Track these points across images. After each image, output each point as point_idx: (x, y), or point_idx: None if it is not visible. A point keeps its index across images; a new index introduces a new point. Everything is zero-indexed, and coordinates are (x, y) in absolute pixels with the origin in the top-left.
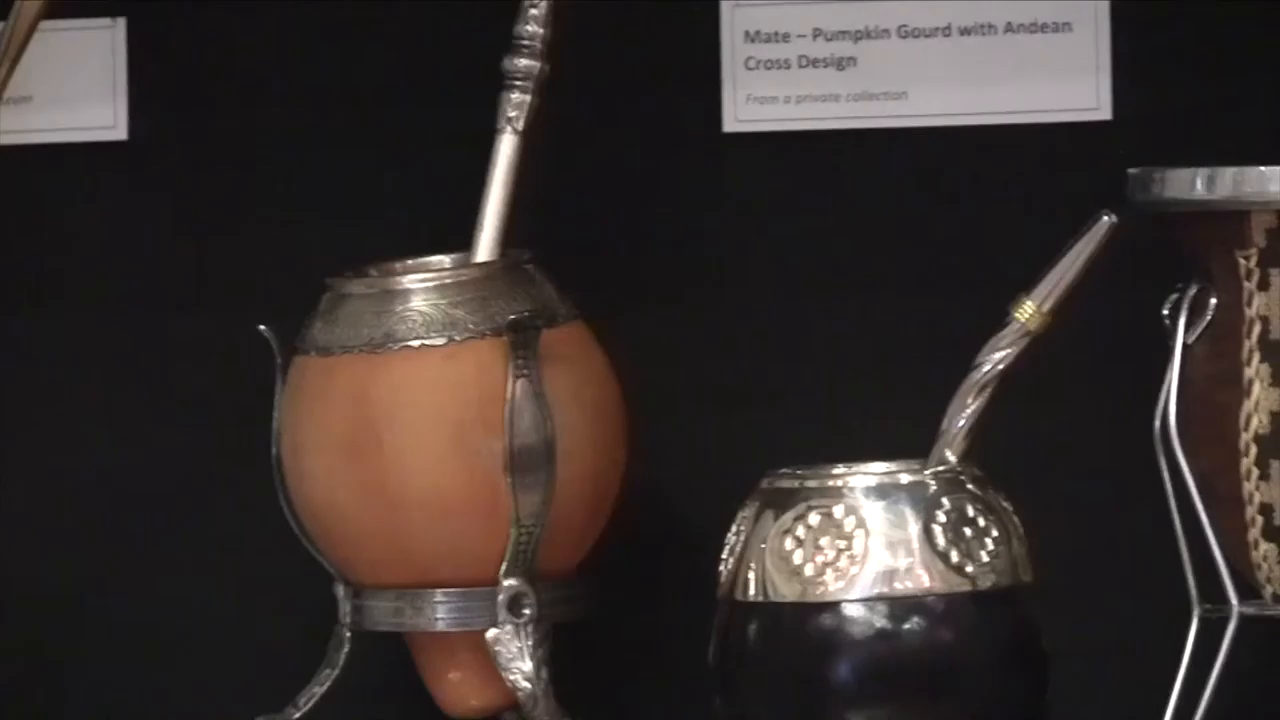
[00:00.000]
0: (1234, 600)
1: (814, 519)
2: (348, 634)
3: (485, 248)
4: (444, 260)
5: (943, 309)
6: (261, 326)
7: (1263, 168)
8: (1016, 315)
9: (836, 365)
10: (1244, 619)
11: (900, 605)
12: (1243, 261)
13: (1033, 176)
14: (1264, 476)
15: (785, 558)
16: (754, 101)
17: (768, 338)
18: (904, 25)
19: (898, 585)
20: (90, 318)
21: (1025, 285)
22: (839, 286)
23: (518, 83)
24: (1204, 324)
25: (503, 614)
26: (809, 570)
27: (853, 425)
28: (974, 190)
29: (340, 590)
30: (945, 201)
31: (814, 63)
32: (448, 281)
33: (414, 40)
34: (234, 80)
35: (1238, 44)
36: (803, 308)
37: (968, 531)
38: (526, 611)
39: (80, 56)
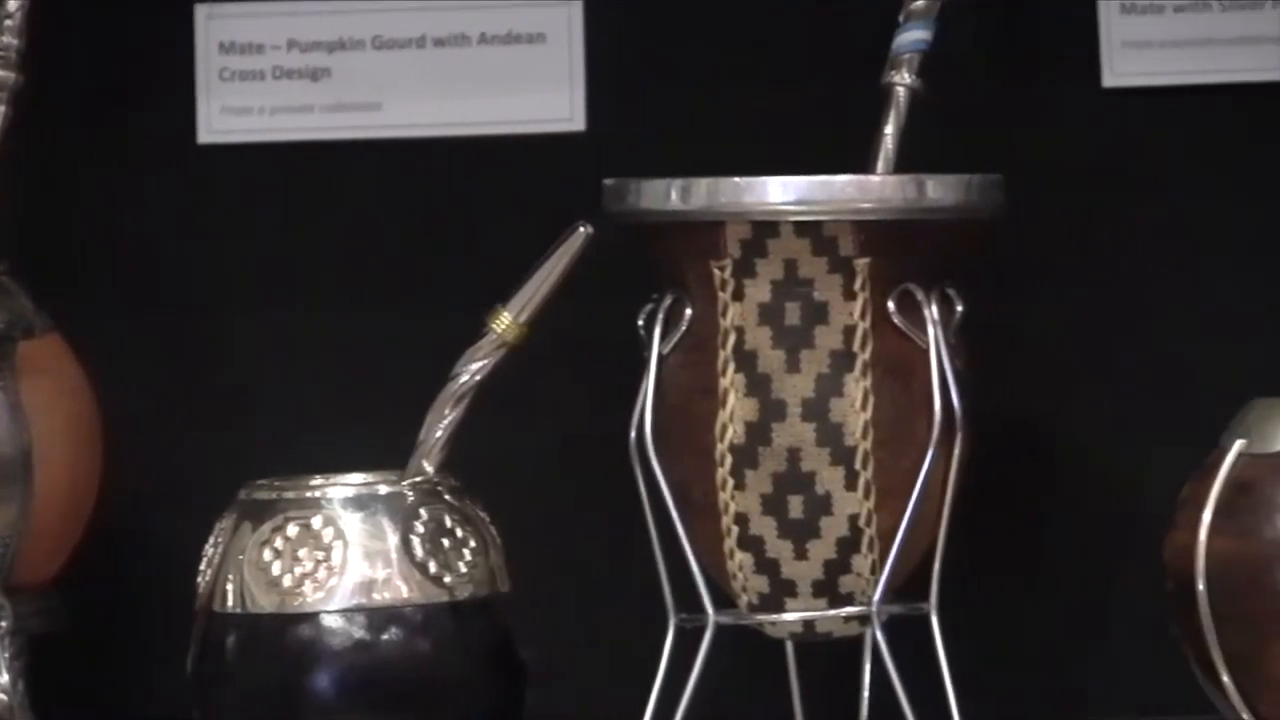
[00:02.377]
0: (710, 609)
1: (292, 530)
2: None
3: None
4: None
5: (421, 321)
6: None
7: (737, 178)
8: (493, 326)
9: (315, 376)
10: (720, 628)
11: (378, 616)
12: (717, 272)
13: (510, 188)
14: (739, 486)
15: (264, 569)
16: (228, 113)
17: (245, 349)
18: (378, 36)
19: (376, 596)
20: None
21: (503, 296)
22: (317, 298)
23: None
24: (679, 334)
25: None
26: (287, 581)
27: (332, 436)
28: (451, 202)
29: None
30: (423, 213)
31: (288, 74)
32: None
33: None
34: None
35: (711, 54)
36: (281, 319)
37: (446, 542)
38: (2, 624)
39: None
